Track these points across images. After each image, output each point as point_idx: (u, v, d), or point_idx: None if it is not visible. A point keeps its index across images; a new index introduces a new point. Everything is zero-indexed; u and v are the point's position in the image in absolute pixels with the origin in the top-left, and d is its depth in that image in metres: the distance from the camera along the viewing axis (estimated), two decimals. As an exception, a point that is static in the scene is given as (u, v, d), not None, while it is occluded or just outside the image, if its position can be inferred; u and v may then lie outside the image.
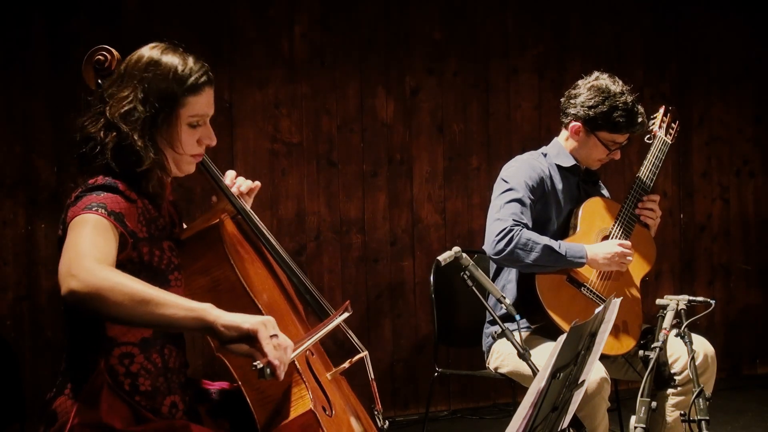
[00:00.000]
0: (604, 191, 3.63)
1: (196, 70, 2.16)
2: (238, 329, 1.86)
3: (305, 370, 2.14)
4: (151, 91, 2.10)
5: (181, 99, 2.12)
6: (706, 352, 3.24)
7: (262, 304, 2.11)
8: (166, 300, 1.88)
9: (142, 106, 2.09)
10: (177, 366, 2.19)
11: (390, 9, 4.94)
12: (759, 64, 5.69)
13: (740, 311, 5.70)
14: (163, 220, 2.19)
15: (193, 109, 2.14)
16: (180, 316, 1.87)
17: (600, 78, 3.41)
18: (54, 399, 2.10)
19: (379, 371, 4.90)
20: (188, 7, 4.58)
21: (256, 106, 4.70)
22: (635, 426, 2.66)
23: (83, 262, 1.89)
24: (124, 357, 2.09)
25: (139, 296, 1.86)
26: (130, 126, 2.08)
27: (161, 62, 2.13)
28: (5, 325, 4.27)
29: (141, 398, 2.09)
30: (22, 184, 4.32)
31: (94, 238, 1.95)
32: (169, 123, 2.13)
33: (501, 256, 3.22)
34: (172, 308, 1.87)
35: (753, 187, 5.72)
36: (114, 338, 2.08)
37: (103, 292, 1.84)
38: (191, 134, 2.16)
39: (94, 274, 1.87)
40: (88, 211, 1.99)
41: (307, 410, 2.05)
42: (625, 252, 3.27)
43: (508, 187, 3.34)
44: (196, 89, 2.14)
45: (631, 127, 3.37)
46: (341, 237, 4.86)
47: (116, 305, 1.84)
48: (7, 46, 4.30)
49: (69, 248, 1.94)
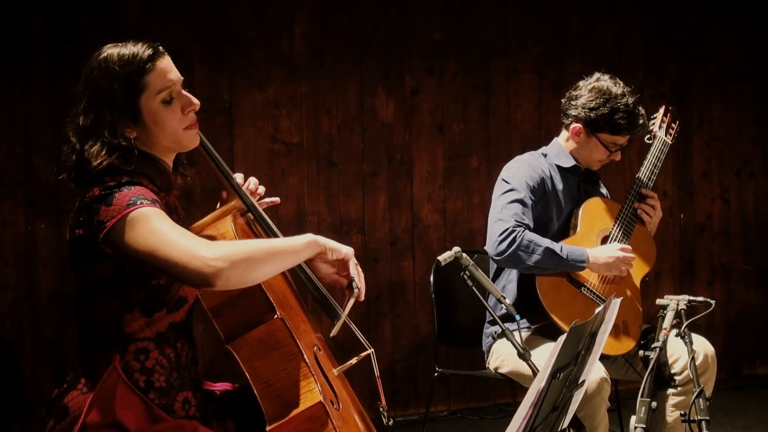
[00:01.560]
0: (603, 190, 3.63)
1: (139, 49, 2.11)
2: (339, 252, 2.23)
3: (313, 364, 2.14)
4: (99, 92, 2.08)
5: (140, 82, 2.09)
6: (706, 352, 3.24)
7: (273, 297, 2.12)
8: (285, 243, 2.10)
9: (85, 115, 2.09)
10: (188, 361, 2.20)
11: (390, 9, 4.94)
12: (759, 64, 5.69)
13: (740, 311, 5.70)
14: (174, 212, 2.21)
15: (157, 85, 2.11)
16: (302, 248, 2.12)
17: (601, 79, 3.41)
18: (65, 393, 2.09)
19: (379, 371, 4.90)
20: (188, 7, 4.58)
21: (256, 106, 4.70)
22: (635, 426, 2.66)
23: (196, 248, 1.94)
24: (140, 353, 2.09)
25: (269, 248, 2.03)
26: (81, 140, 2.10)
27: (103, 60, 2.11)
28: (5, 325, 4.26)
29: (155, 395, 2.09)
30: (22, 184, 4.32)
31: (170, 225, 1.98)
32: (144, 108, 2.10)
33: (503, 257, 3.22)
34: (290, 244, 2.09)
35: (753, 187, 5.72)
36: (131, 334, 2.09)
37: (248, 260, 1.96)
38: (170, 110, 2.13)
39: (222, 250, 1.95)
40: (135, 206, 1.98)
41: (316, 402, 2.05)
42: (626, 257, 3.27)
43: (509, 188, 3.33)
44: (149, 65, 2.10)
45: (632, 128, 3.37)
46: (341, 237, 4.85)
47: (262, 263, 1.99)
48: (7, 46, 4.30)
49: (164, 244, 1.94)
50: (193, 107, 2.18)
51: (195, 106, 2.18)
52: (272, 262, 2.02)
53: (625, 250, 3.28)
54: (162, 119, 2.12)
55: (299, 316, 2.28)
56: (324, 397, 2.06)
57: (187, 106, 2.16)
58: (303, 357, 2.10)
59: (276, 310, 2.10)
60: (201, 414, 2.19)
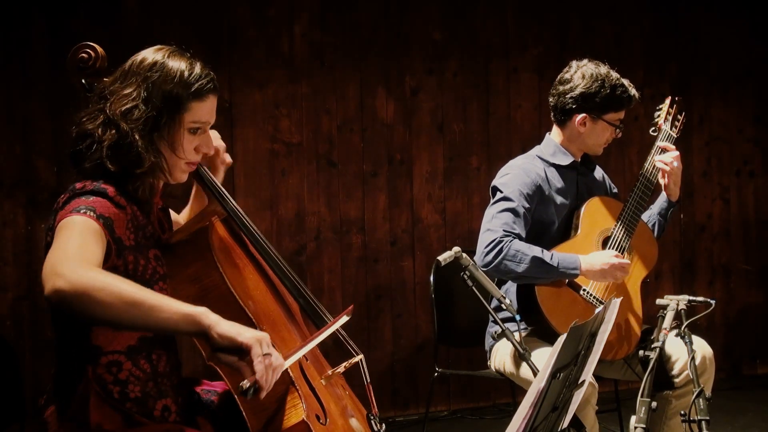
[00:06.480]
0: (599, 174, 3.60)
1: (202, 76, 2.14)
2: (233, 341, 1.83)
3: (299, 377, 2.11)
4: (156, 92, 2.08)
5: (185, 103, 2.10)
6: (704, 353, 3.22)
7: (252, 312, 2.08)
8: (159, 302, 1.82)
9: (144, 105, 2.07)
10: (168, 369, 2.14)
11: (390, 9, 4.94)
12: (759, 64, 5.69)
13: (740, 311, 5.70)
14: (151, 227, 2.15)
15: (196, 115, 2.12)
16: (174, 319, 1.82)
17: (582, 67, 3.43)
18: (45, 408, 2.07)
19: (379, 371, 4.91)
20: (188, 7, 4.58)
21: (256, 106, 4.70)
22: (635, 426, 2.66)
23: (70, 262, 1.82)
24: (112, 365, 2.04)
25: (130, 298, 1.80)
26: (132, 124, 2.05)
27: (167, 65, 2.11)
28: (5, 325, 4.27)
29: (132, 405, 2.05)
30: (22, 184, 4.32)
31: (83, 240, 1.89)
32: (171, 126, 2.10)
33: (490, 268, 3.18)
34: (165, 311, 1.82)
35: (753, 187, 5.72)
36: (100, 347, 2.04)
37: (91, 292, 1.78)
38: (191, 141, 2.14)
39: (81, 273, 1.80)
40: (77, 213, 1.95)
41: (300, 420, 2.02)
42: (622, 263, 3.24)
43: (501, 197, 3.31)
44: (201, 95, 2.12)
45: (631, 97, 3.41)
46: (341, 237, 4.86)
47: (105, 306, 1.78)
48: (7, 46, 4.30)
49: (56, 249, 1.87)
50: (208, 151, 2.20)
51: (209, 152, 2.21)
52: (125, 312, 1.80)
53: (619, 258, 3.27)
54: (178, 144, 2.12)
55: (284, 326, 2.24)
56: (308, 415, 2.03)
57: (204, 146, 2.18)
58: (287, 371, 2.05)
59: (256, 326, 2.05)
60: (182, 419, 2.14)
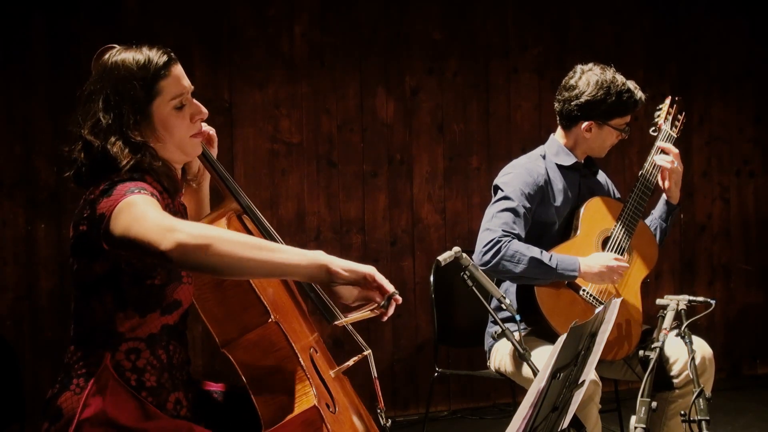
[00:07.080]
0: (602, 177, 3.60)
1: (154, 55, 2.15)
2: (356, 272, 2.02)
3: (309, 367, 2.15)
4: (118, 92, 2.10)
5: (155, 87, 2.13)
6: (704, 354, 3.21)
7: (267, 301, 2.12)
8: (277, 245, 1.95)
9: (105, 114, 2.10)
10: (180, 363, 2.20)
11: (390, 9, 4.94)
12: (759, 64, 5.69)
13: (740, 311, 5.70)
14: (179, 215, 2.21)
15: (170, 91, 2.15)
16: (296, 259, 1.94)
17: (587, 72, 3.41)
18: (59, 395, 2.09)
19: (378, 371, 4.87)
20: (188, 7, 4.58)
21: (256, 106, 4.70)
22: (635, 426, 2.66)
23: (172, 220, 1.89)
24: (131, 352, 2.09)
25: (251, 242, 1.91)
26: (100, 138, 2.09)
27: (119, 62, 2.14)
28: (5, 325, 4.27)
29: (146, 394, 2.09)
30: (22, 184, 4.32)
31: (156, 209, 1.95)
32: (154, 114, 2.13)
33: (488, 268, 3.18)
34: (286, 252, 1.94)
35: (753, 187, 5.72)
36: (123, 333, 2.09)
37: (213, 241, 1.86)
38: (180, 116, 2.17)
39: (195, 225, 1.90)
40: (131, 194, 1.98)
41: (311, 406, 2.05)
42: (620, 266, 3.23)
43: (502, 196, 3.31)
44: (164, 71, 2.14)
45: (638, 101, 3.40)
46: (341, 237, 4.86)
47: (229, 252, 1.87)
48: (7, 46, 4.30)
49: (142, 219, 1.90)
50: (202, 116, 2.22)
51: (203, 115, 2.22)
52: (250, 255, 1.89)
53: (619, 260, 3.27)
54: (172, 125, 2.15)
55: (296, 318, 2.28)
56: (319, 401, 2.07)
57: (197, 114, 2.21)
58: (299, 360, 2.10)
59: (270, 314, 2.10)
60: (193, 414, 2.19)
